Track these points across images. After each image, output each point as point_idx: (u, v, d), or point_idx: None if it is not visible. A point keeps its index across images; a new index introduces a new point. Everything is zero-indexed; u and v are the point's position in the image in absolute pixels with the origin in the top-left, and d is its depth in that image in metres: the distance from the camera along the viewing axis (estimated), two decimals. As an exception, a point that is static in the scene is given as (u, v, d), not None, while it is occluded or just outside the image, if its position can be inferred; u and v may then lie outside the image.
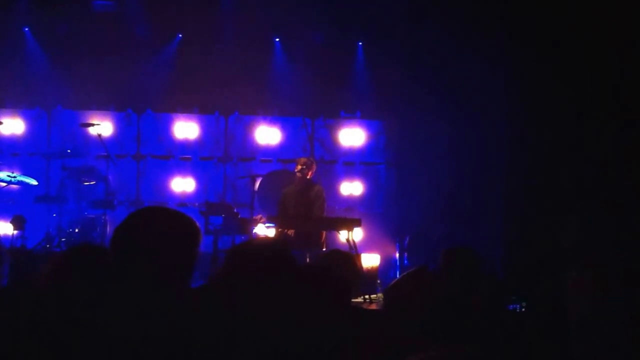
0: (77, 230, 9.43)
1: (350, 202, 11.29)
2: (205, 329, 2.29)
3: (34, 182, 9.40)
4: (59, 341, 2.28)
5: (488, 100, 9.58)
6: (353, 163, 11.48)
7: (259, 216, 8.60)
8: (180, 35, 11.15)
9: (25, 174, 9.51)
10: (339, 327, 2.69)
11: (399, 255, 9.89)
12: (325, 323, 2.64)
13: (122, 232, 2.37)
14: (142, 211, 2.50)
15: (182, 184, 11.21)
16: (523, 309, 5.03)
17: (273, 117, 11.40)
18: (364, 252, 8.37)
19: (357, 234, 8.91)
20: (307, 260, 7.85)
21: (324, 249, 8.18)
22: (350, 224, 8.04)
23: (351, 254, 6.07)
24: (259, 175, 9.97)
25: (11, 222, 8.76)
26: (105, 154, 9.65)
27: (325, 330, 2.58)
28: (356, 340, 2.48)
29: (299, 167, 8.48)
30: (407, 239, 9.78)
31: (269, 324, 2.39)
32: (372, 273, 8.08)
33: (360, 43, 11.27)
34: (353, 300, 4.83)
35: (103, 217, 9.56)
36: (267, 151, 11.40)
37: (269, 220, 8.07)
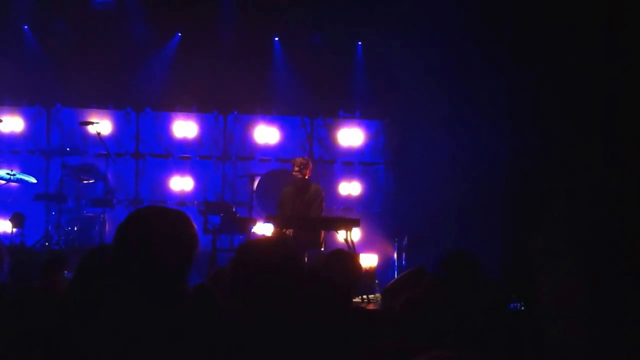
0: (76, 229, 9.44)
1: (349, 202, 11.30)
2: (206, 330, 2.31)
3: (33, 180, 9.41)
4: (59, 340, 2.29)
5: (488, 100, 9.59)
6: (352, 163, 11.49)
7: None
8: (179, 34, 11.16)
9: (24, 171, 9.53)
10: (343, 328, 2.71)
11: (397, 256, 9.89)
12: (330, 324, 2.66)
13: (123, 230, 2.39)
14: (143, 210, 2.52)
15: (181, 183, 11.22)
16: (523, 308, 5.05)
17: (272, 117, 11.42)
18: (362, 252, 8.37)
19: (356, 234, 8.92)
20: (306, 260, 7.86)
21: (323, 249, 8.19)
22: (348, 224, 8.05)
23: (354, 254, 6.10)
24: (257, 175, 9.99)
25: (10, 220, 8.77)
26: (105, 152, 9.66)
27: (330, 331, 2.60)
28: (358, 342, 2.50)
29: (297, 167, 8.47)
30: (406, 239, 9.79)
31: (275, 325, 2.41)
32: (370, 273, 8.07)
33: (360, 43, 11.28)
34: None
35: (102, 216, 9.58)
36: (266, 150, 11.41)
37: (268, 220, 8.07)
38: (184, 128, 11.28)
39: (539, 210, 6.58)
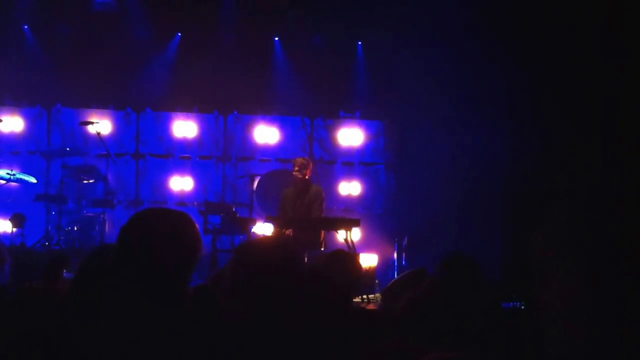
0: (76, 229, 9.45)
1: (349, 203, 11.30)
2: (208, 331, 2.31)
3: (33, 180, 9.42)
4: (59, 340, 2.29)
5: (488, 100, 9.59)
6: (352, 163, 11.49)
7: None
8: (179, 35, 11.16)
9: (24, 172, 9.54)
10: (343, 328, 2.71)
11: (397, 256, 9.89)
12: (330, 324, 2.66)
13: (126, 232, 2.39)
14: (146, 212, 2.52)
15: (181, 183, 11.22)
16: (523, 308, 5.05)
17: (272, 117, 11.42)
18: (362, 252, 8.37)
19: (356, 234, 8.92)
20: (306, 260, 7.85)
21: (323, 249, 8.19)
22: (348, 224, 8.05)
23: (354, 254, 6.10)
24: (257, 175, 9.99)
25: (10, 220, 8.77)
26: (105, 152, 9.67)
27: (330, 331, 2.60)
28: (358, 342, 2.50)
29: (297, 167, 8.48)
30: (405, 240, 9.79)
31: (275, 326, 2.41)
32: (370, 273, 8.08)
33: (361, 43, 11.28)
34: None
35: (102, 216, 9.58)
36: (266, 151, 11.41)
37: (268, 220, 8.08)
38: (184, 128, 11.28)
39: (539, 210, 6.59)
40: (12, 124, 10.88)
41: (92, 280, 2.74)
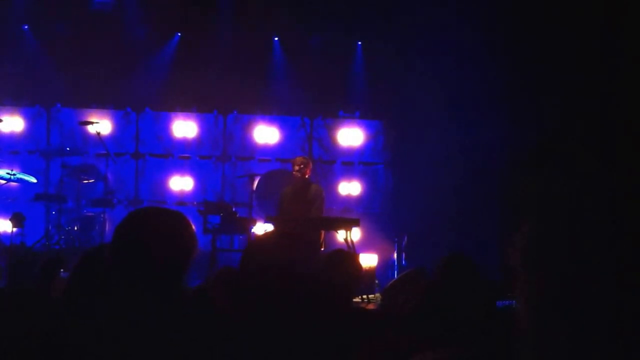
0: (76, 229, 9.46)
1: (349, 202, 11.30)
2: (204, 330, 2.31)
3: (33, 180, 9.43)
4: (56, 341, 2.30)
5: (489, 101, 9.60)
6: (352, 163, 11.49)
7: None
8: (179, 34, 11.16)
9: (24, 171, 9.54)
10: (343, 328, 2.72)
11: (397, 256, 9.90)
12: (329, 325, 2.66)
13: (121, 231, 2.39)
14: (141, 211, 2.52)
15: (181, 183, 11.22)
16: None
17: (272, 117, 11.41)
18: (361, 252, 8.38)
19: (355, 234, 8.92)
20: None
21: (323, 249, 8.19)
22: (348, 224, 8.06)
23: (354, 254, 6.10)
24: (257, 175, 9.99)
25: (10, 220, 8.76)
26: (105, 152, 9.67)
27: (330, 331, 2.60)
28: (358, 341, 2.51)
29: (297, 167, 8.48)
30: (405, 240, 9.79)
31: (270, 325, 2.41)
32: (370, 273, 8.08)
33: (360, 43, 11.28)
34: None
35: (102, 216, 9.59)
36: (266, 150, 11.41)
37: (268, 220, 8.08)
38: (184, 128, 11.27)
39: (537, 209, 6.58)
40: (12, 123, 10.87)
41: (88, 280, 2.74)
